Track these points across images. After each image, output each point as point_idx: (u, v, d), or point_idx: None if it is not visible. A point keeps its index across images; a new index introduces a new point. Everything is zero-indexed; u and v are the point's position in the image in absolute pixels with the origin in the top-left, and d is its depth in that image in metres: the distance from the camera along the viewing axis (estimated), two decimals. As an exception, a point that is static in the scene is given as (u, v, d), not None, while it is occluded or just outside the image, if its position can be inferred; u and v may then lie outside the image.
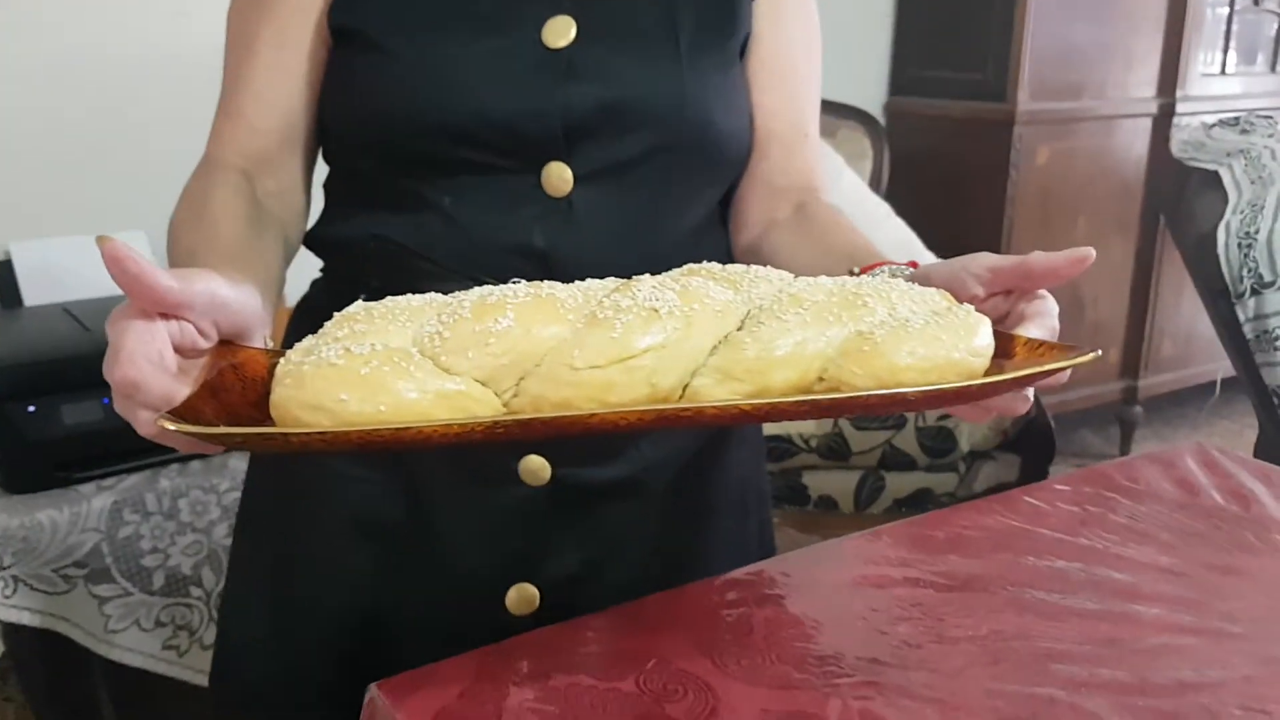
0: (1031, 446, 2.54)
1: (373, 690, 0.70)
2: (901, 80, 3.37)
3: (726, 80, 0.91)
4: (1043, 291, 0.73)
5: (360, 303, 0.64)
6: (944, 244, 2.93)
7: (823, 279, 0.68)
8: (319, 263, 0.97)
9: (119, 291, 0.62)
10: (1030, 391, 0.70)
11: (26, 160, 2.18)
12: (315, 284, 0.98)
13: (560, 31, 0.85)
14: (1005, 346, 0.67)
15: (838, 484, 2.47)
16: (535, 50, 0.85)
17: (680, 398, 0.62)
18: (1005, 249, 3.09)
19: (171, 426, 0.54)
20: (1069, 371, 0.65)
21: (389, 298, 0.64)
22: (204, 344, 0.64)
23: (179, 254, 0.78)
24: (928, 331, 0.63)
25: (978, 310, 0.70)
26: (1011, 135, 3.03)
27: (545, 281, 0.64)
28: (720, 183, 0.96)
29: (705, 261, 0.71)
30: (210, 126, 0.91)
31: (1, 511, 1.70)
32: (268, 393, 0.62)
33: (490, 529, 0.90)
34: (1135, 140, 3.30)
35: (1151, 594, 0.85)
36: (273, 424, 0.60)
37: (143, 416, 0.60)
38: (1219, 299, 2.21)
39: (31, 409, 1.73)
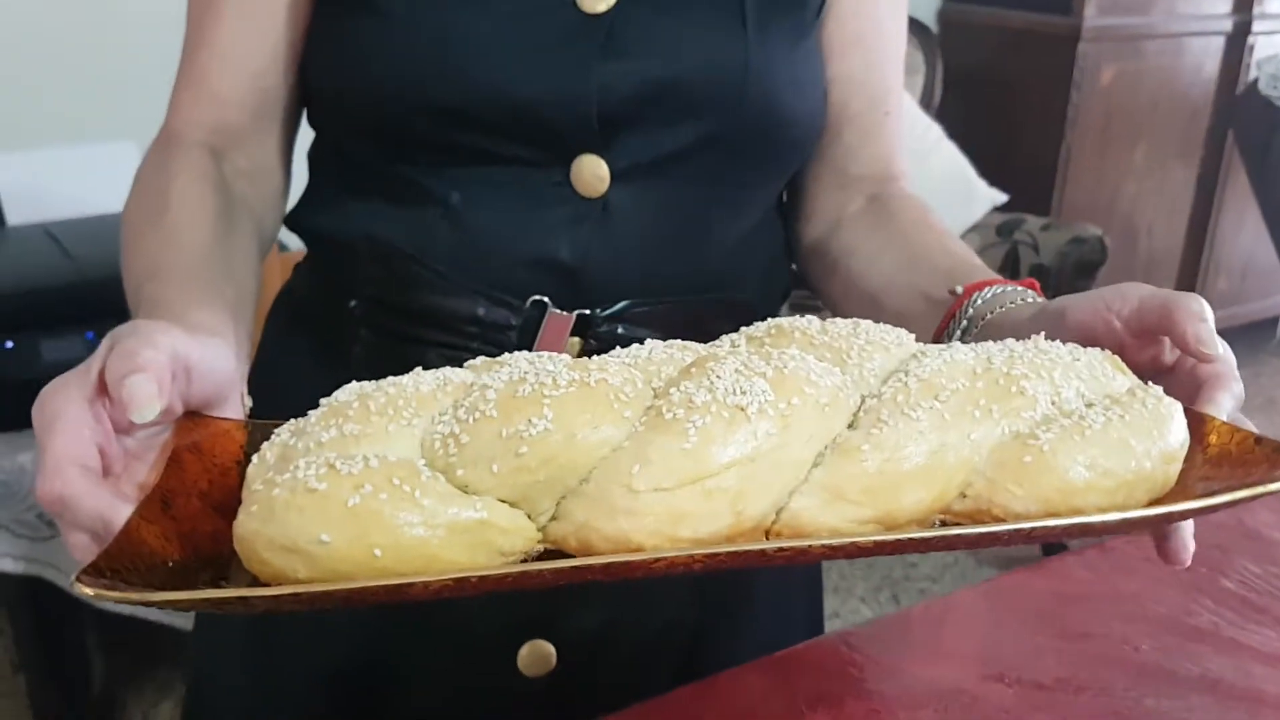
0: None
1: None
2: (959, -15, 3.12)
3: (798, 52, 0.74)
4: (1223, 347, 0.56)
5: (354, 386, 0.48)
6: (995, 170, 2.76)
7: (958, 349, 0.52)
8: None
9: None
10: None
11: (5, 67, 2.00)
12: (299, 270, 0.82)
13: None
14: (1193, 428, 0.51)
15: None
16: (567, 14, 0.67)
17: (774, 525, 0.46)
18: (1060, 176, 2.90)
19: (90, 592, 0.39)
20: None
21: (391, 379, 0.48)
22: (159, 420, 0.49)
23: (136, 270, 0.64)
24: (1110, 434, 0.47)
25: (1120, 353, 0.54)
26: (1076, 52, 2.80)
27: (593, 358, 0.49)
28: (783, 175, 0.79)
29: (787, 312, 0.55)
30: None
31: (-22, 455, 1.60)
32: (238, 487, 0.48)
33: None
34: (1205, 61, 3.06)
35: (1277, 700, 0.70)
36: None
37: (76, 541, 0.46)
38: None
39: (10, 345, 1.61)
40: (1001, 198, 2.70)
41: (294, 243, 1.04)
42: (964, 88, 2.92)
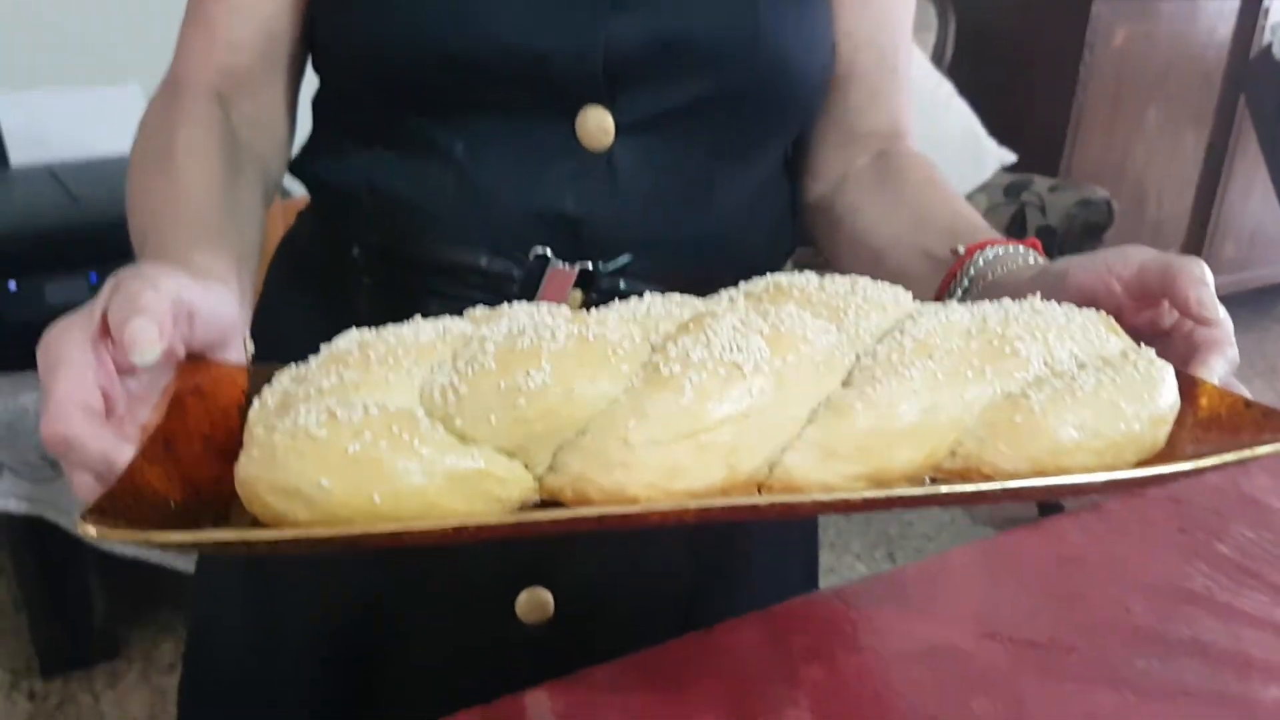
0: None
1: None
2: (973, -60, 3.08)
3: (808, 8, 0.73)
4: (1222, 312, 0.56)
5: (354, 334, 0.49)
6: (1006, 129, 2.75)
7: (954, 308, 0.52)
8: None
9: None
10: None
11: (11, 8, 1.99)
12: (302, 218, 0.82)
13: None
14: (1184, 391, 0.52)
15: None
16: None
17: (767, 480, 0.47)
18: (1071, 137, 2.88)
19: (93, 531, 0.40)
20: None
21: (391, 327, 0.49)
22: (161, 362, 0.50)
23: (141, 215, 0.64)
24: (1101, 397, 0.48)
25: (1118, 315, 0.55)
26: (1089, 12, 2.77)
27: (591, 311, 0.49)
28: (789, 133, 0.79)
29: (790, 270, 0.56)
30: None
31: (-18, 396, 1.61)
32: (240, 431, 0.48)
33: None
34: (1219, 24, 3.03)
35: (1265, 664, 0.70)
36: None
37: (80, 481, 0.46)
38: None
39: (13, 286, 1.61)
40: (1011, 157, 2.69)
41: (296, 189, 1.04)
42: (976, 45, 2.89)
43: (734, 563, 0.86)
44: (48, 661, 1.89)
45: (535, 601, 0.77)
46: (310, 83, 0.79)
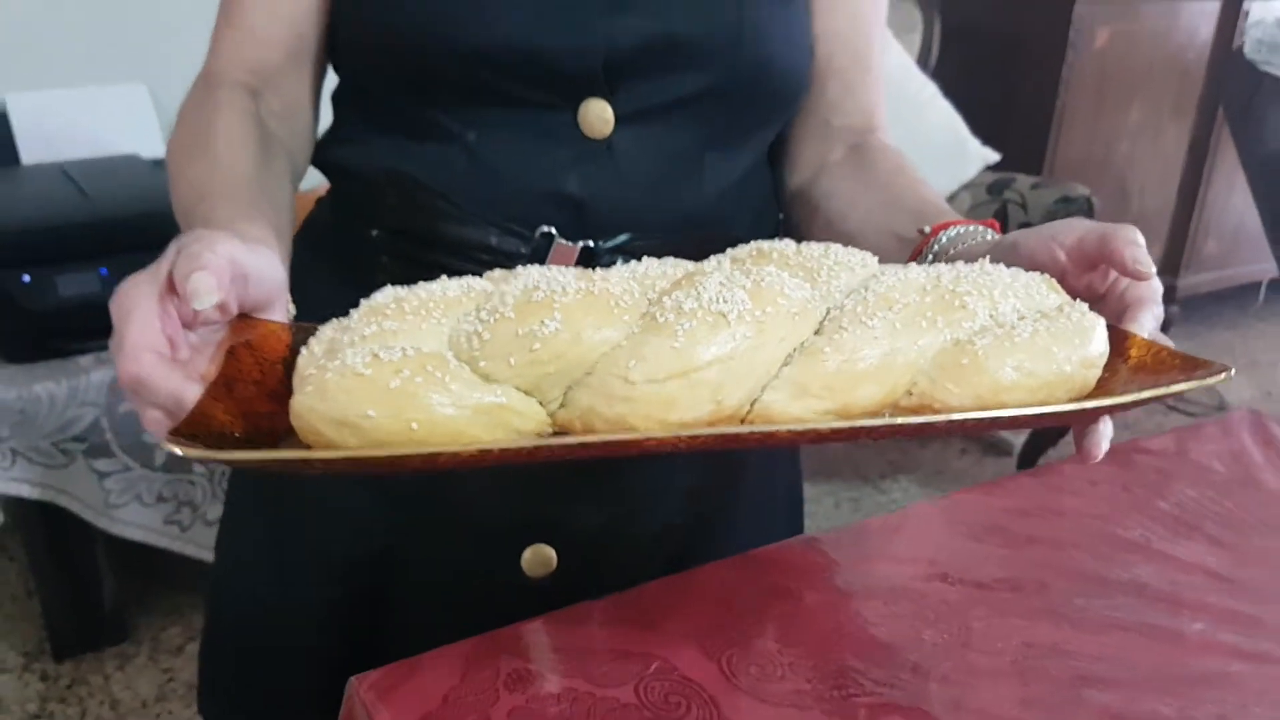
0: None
1: (352, 684, 0.65)
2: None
3: (789, 10, 0.81)
4: (1150, 270, 0.63)
5: (390, 290, 0.56)
6: (990, 129, 2.82)
7: (913, 268, 0.59)
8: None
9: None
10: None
11: (21, 9, 2.04)
12: (321, 204, 0.89)
13: None
14: (1116, 343, 0.59)
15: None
16: None
17: (748, 414, 0.54)
18: (1053, 135, 2.95)
19: (179, 451, 0.47)
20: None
21: (422, 284, 0.56)
22: (217, 317, 0.56)
23: (185, 193, 0.70)
24: (1037, 342, 0.55)
25: (1062, 280, 0.62)
26: (1071, 13, 2.84)
27: (596, 270, 0.56)
28: (774, 124, 0.86)
29: (769, 238, 0.63)
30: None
31: (-1, 382, 1.67)
32: (286, 378, 0.55)
33: (507, 483, 0.83)
34: (1201, 24, 3.10)
35: (1195, 603, 0.77)
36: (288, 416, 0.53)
37: (151, 416, 0.53)
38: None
39: (26, 279, 1.66)
40: (994, 157, 2.76)
41: (307, 185, 1.09)
42: (960, 47, 2.97)
43: (724, 524, 0.93)
44: (59, 644, 1.94)
45: (540, 557, 0.84)
46: (330, 79, 0.86)
